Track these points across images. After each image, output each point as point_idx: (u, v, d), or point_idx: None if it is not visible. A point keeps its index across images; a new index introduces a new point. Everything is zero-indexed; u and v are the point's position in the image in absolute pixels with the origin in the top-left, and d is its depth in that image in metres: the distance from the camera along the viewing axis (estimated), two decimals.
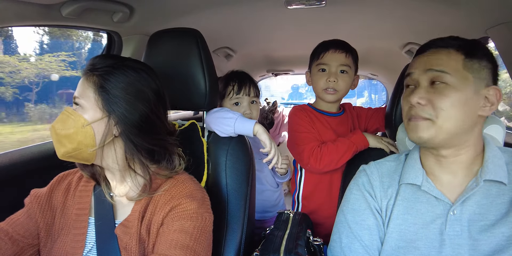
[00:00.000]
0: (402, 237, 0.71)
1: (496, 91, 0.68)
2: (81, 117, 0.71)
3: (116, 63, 0.74)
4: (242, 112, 1.22)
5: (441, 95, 0.66)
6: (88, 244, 0.74)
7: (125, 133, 0.73)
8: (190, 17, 1.35)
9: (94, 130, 0.71)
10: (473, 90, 0.66)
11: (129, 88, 0.72)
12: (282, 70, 2.73)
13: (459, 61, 0.67)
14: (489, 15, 1.12)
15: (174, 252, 0.65)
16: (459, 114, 0.65)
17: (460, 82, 0.66)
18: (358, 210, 0.76)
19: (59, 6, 0.97)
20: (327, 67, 1.18)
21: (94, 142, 0.71)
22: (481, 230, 0.65)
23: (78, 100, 0.72)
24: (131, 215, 0.74)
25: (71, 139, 0.71)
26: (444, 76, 0.67)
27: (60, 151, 0.72)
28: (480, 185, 0.66)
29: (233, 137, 0.98)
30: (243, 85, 1.25)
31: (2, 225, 0.76)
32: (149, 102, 0.74)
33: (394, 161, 0.81)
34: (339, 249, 0.76)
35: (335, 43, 1.20)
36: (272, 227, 0.97)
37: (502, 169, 0.67)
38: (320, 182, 1.20)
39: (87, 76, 0.73)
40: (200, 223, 0.71)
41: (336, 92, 1.18)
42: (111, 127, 0.72)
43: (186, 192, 0.74)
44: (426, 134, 0.67)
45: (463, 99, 0.66)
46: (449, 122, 0.66)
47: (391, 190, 0.75)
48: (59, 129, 0.71)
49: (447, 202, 0.69)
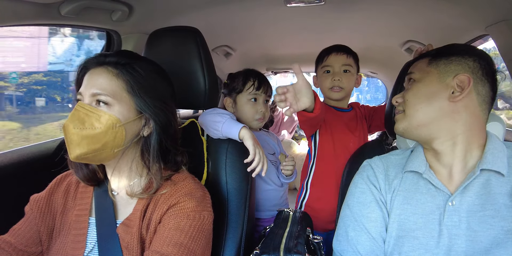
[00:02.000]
0: (402, 227, 0.72)
1: (464, 77, 0.71)
2: (112, 117, 0.68)
3: (142, 62, 0.74)
4: (257, 110, 1.25)
5: (408, 90, 0.77)
6: (89, 244, 0.74)
7: (158, 133, 0.73)
8: (189, 16, 1.35)
9: (126, 131, 0.69)
10: (436, 80, 0.73)
11: (158, 88, 0.74)
12: (282, 69, 2.72)
13: (425, 62, 0.77)
14: (488, 13, 1.12)
15: (167, 249, 0.64)
16: (422, 102, 0.73)
17: (422, 76, 0.75)
18: (364, 203, 0.77)
19: (58, 5, 0.97)
20: (331, 68, 1.30)
21: (123, 142, 0.70)
22: (480, 221, 0.66)
23: (105, 97, 0.68)
24: (132, 214, 0.74)
25: (95, 140, 0.66)
26: (412, 75, 0.78)
27: (75, 152, 0.66)
28: (477, 174, 0.68)
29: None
30: (263, 82, 1.27)
31: (6, 237, 0.76)
32: (171, 104, 0.77)
33: (399, 155, 0.83)
34: (345, 242, 0.77)
35: (336, 47, 1.33)
36: (272, 225, 0.97)
37: (501, 161, 0.68)
38: (328, 170, 1.27)
39: (111, 72, 0.70)
40: (197, 221, 0.70)
41: (342, 89, 1.30)
42: (142, 128, 0.72)
43: (185, 191, 0.74)
44: (400, 125, 0.76)
45: (424, 89, 0.74)
46: (414, 110, 0.73)
47: (396, 182, 0.77)
48: (77, 129, 0.66)
49: (446, 193, 0.70)
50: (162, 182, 0.75)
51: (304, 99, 0.85)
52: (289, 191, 2.66)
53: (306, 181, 1.33)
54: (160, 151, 0.75)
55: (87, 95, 0.70)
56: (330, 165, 1.27)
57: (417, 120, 0.73)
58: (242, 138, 0.94)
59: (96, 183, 0.80)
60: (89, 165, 0.78)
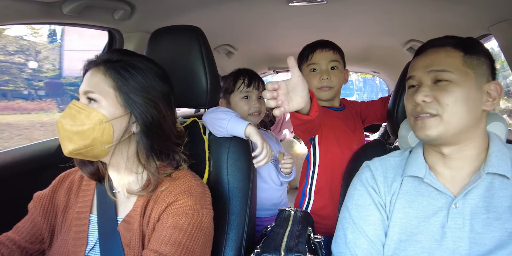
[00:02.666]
0: (404, 231, 0.71)
1: (496, 86, 0.69)
2: (99, 113, 0.69)
3: (133, 59, 0.74)
4: (251, 105, 1.26)
5: (445, 91, 0.67)
6: (91, 241, 0.74)
7: (144, 131, 0.73)
8: (191, 14, 1.35)
9: (113, 127, 0.70)
10: (475, 85, 0.68)
11: (148, 87, 0.74)
12: (284, 67, 2.72)
13: (459, 58, 0.69)
14: (491, 12, 1.12)
15: (165, 248, 0.64)
16: (464, 109, 0.66)
17: (461, 79, 0.67)
18: (362, 205, 0.77)
19: (60, 4, 0.97)
20: (318, 66, 1.23)
21: (111, 139, 0.71)
22: (484, 223, 0.65)
23: (94, 95, 0.70)
24: (133, 210, 0.74)
25: (84, 136, 0.68)
26: (446, 74, 0.68)
27: (67, 148, 0.69)
28: (482, 177, 0.66)
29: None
30: (253, 79, 1.28)
31: (10, 234, 0.77)
32: (162, 103, 0.76)
33: (398, 156, 0.81)
34: (343, 245, 0.76)
35: (321, 42, 1.25)
36: (273, 224, 0.97)
37: (505, 163, 0.67)
38: (336, 176, 1.19)
39: (101, 70, 0.71)
40: (196, 219, 0.70)
41: (331, 88, 1.23)
42: (130, 125, 0.73)
43: (184, 188, 0.73)
44: (434, 132, 0.67)
45: (466, 94, 0.67)
46: (455, 117, 0.66)
47: (395, 185, 0.76)
48: (68, 125, 0.68)
49: (449, 195, 0.69)
50: (160, 179, 0.75)
51: (298, 99, 0.73)
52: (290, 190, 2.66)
53: (307, 188, 1.26)
54: (153, 149, 0.75)
55: (81, 93, 0.72)
56: (337, 171, 1.18)
57: (456, 128, 0.67)
58: (248, 134, 0.94)
59: (100, 178, 0.80)
60: (93, 162, 0.79)
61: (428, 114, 0.68)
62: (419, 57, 0.75)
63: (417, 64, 0.74)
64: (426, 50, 0.74)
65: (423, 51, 0.75)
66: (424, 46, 0.76)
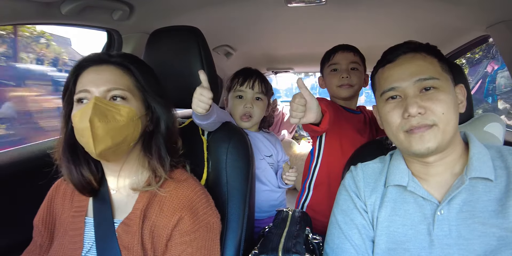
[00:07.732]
0: (392, 239, 0.70)
1: (462, 88, 0.70)
2: (132, 109, 0.70)
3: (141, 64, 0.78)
4: (243, 106, 1.22)
5: (436, 100, 0.65)
6: (87, 244, 0.74)
7: (160, 130, 0.76)
8: (190, 15, 1.35)
9: (141, 124, 0.72)
10: (453, 89, 0.69)
11: (160, 89, 0.77)
12: (282, 68, 2.72)
13: (436, 64, 0.69)
14: (489, 13, 1.12)
15: None
16: (455, 116, 0.67)
17: (445, 85, 0.67)
18: (346, 210, 0.77)
19: (58, 4, 0.97)
20: (338, 66, 1.28)
21: (138, 136, 0.73)
22: (470, 229, 0.64)
23: (122, 92, 0.69)
24: (132, 213, 0.74)
25: (119, 132, 0.67)
26: (434, 82, 0.66)
27: (99, 147, 0.65)
28: (466, 183, 0.65)
29: (233, 135, 0.97)
30: (248, 78, 1.24)
31: None
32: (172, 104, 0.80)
33: (379, 162, 0.81)
34: (330, 250, 0.77)
35: (342, 45, 1.31)
36: (271, 225, 0.97)
37: (487, 165, 0.66)
38: (335, 172, 1.21)
39: (119, 69, 0.72)
40: (208, 232, 0.73)
41: (351, 86, 1.26)
42: (149, 123, 0.75)
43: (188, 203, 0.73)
44: (434, 143, 0.64)
45: (453, 100, 0.67)
46: (450, 125, 0.65)
47: (376, 191, 0.76)
48: (103, 122, 0.64)
49: (434, 202, 0.68)
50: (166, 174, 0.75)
51: (311, 115, 0.81)
52: (289, 191, 2.66)
53: (307, 182, 1.29)
54: (162, 148, 0.77)
55: (98, 91, 0.68)
56: (336, 167, 1.19)
57: (450, 135, 0.65)
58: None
59: (91, 193, 0.78)
60: (81, 168, 0.75)
61: (425, 126, 0.65)
62: (396, 65, 0.71)
63: (397, 73, 0.69)
64: (398, 57, 0.71)
65: (395, 59, 0.71)
66: (391, 54, 0.72)
